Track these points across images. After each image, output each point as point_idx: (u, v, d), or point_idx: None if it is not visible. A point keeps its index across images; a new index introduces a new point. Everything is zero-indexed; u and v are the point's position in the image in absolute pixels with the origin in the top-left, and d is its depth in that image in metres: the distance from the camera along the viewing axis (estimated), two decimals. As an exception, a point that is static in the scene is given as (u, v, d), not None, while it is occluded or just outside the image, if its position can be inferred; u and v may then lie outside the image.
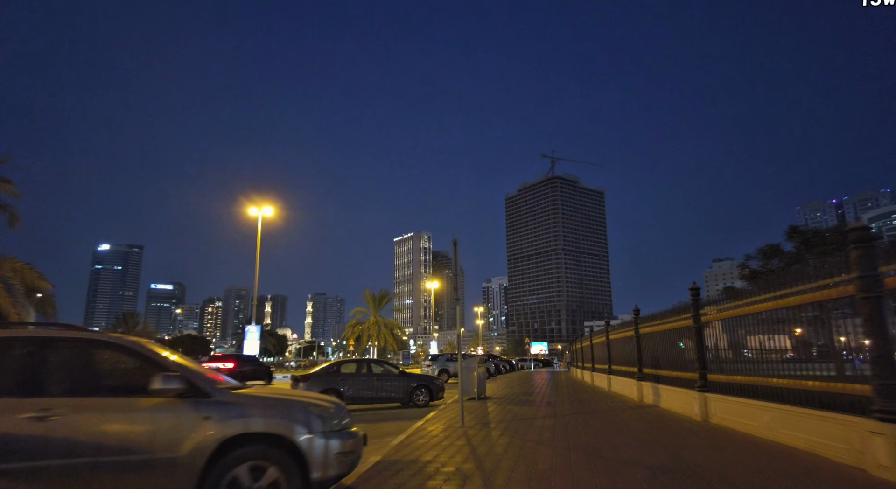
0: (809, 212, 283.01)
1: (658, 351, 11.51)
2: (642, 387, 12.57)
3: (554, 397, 15.01)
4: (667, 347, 10.92)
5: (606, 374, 17.09)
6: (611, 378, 16.73)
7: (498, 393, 17.01)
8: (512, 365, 47.73)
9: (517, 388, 19.43)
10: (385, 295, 62.82)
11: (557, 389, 18.67)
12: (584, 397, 14.90)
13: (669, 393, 10.49)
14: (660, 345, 11.40)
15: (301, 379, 13.52)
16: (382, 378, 14.06)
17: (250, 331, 42.14)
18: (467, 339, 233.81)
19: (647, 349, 12.58)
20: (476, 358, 14.53)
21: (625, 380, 14.55)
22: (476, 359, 14.40)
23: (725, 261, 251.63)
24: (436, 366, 29.03)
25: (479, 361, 14.52)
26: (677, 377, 10.01)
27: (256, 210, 42.98)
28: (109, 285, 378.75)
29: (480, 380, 14.65)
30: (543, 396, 15.40)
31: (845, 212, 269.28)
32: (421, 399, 14.20)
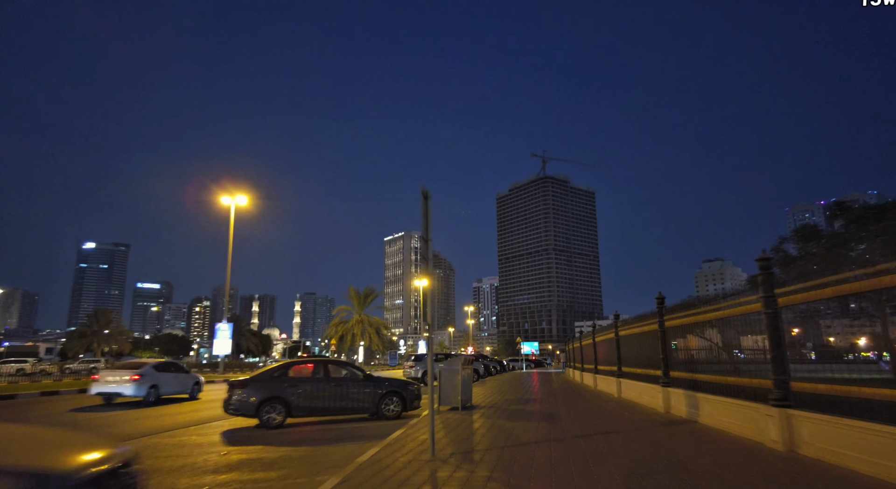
0: (798, 213, 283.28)
1: (697, 349, 8.86)
2: (669, 395, 9.91)
3: (554, 406, 12.33)
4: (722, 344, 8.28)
5: (616, 378, 14.45)
6: (620, 382, 14.10)
7: (487, 399, 14.32)
8: (503, 365, 45.09)
9: (509, 393, 16.73)
10: (370, 292, 59.91)
11: (556, 395, 16.01)
12: (590, 407, 12.23)
13: (718, 405, 7.82)
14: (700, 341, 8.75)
15: (238, 385, 10.70)
16: (343, 383, 11.26)
17: (221, 329, 39.18)
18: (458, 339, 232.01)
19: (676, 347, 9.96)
20: (460, 358, 11.72)
21: (641, 386, 11.91)
22: (460, 360, 11.59)
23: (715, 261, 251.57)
24: (419, 367, 26.28)
25: (463, 362, 11.71)
26: (733, 385, 7.35)
27: (229, 199, 40.16)
28: (95, 284, 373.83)
29: (465, 386, 11.94)
30: (541, 405, 12.72)
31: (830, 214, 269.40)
32: (392, 409, 11.41)
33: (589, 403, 13.01)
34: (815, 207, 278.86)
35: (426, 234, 6.31)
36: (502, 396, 15.54)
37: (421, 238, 6.26)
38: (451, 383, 11.34)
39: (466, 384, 12.14)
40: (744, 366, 7.35)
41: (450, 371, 11.41)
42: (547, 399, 14.49)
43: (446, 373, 11.47)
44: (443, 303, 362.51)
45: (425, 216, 6.36)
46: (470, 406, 12.41)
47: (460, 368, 11.35)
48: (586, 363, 21.60)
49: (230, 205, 39.60)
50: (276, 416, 10.50)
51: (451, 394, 11.33)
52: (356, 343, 57.24)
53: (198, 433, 9.89)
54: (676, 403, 9.59)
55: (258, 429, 10.35)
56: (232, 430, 10.21)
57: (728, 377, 7.52)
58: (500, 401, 13.97)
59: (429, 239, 6.38)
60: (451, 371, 11.41)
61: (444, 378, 11.46)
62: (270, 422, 10.43)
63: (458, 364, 11.43)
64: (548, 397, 15.11)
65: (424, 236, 6.30)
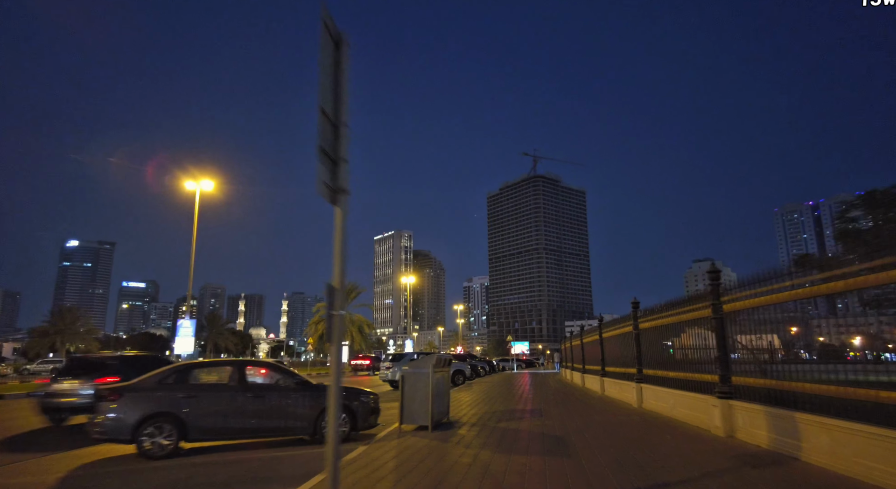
0: (787, 213, 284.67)
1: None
2: (733, 411, 6.77)
3: (559, 421, 9.17)
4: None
5: (633, 383, 11.30)
6: (641, 388, 10.97)
7: (470, 411, 11.13)
8: (492, 365, 41.97)
9: (499, 402, 13.55)
10: (353, 288, 56.44)
11: (557, 403, 12.84)
12: (607, 422, 9.09)
13: (831, 433, 4.71)
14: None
15: (112, 393, 7.44)
16: (268, 393, 8.03)
17: (183, 326, 35.42)
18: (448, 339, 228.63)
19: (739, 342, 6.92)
20: (432, 357, 8.42)
21: (676, 396, 8.78)
22: (431, 360, 8.30)
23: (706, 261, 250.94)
24: (396, 368, 22.95)
25: (437, 362, 8.45)
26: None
27: (194, 184, 36.68)
28: (78, 283, 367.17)
29: (440, 395, 8.77)
30: (542, 420, 9.55)
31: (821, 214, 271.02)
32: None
33: (604, 416, 9.86)
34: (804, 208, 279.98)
35: (332, 108, 3.14)
36: (490, 406, 12.35)
37: (321, 119, 3.06)
38: (419, 392, 8.12)
39: (441, 392, 8.95)
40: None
41: (417, 375, 8.17)
42: (547, 410, 11.33)
43: (412, 378, 8.25)
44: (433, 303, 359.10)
45: (332, 73, 3.18)
46: (447, 422, 9.22)
47: (431, 371, 8.09)
48: (589, 364, 18.48)
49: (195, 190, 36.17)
50: (162, 441, 7.23)
51: (419, 406, 8.10)
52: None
53: (30, 472, 6.64)
54: (743, 423, 6.49)
55: (135, 460, 7.10)
56: (91, 465, 6.97)
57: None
58: (488, 413, 10.78)
59: (340, 122, 3.20)
60: (418, 375, 8.17)
61: (410, 385, 8.24)
62: (154, 449, 7.18)
63: (429, 365, 8.18)
64: (548, 407, 11.95)
65: (329, 114, 3.13)
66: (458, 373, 24.26)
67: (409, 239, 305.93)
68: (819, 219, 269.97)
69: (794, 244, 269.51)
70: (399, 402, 8.28)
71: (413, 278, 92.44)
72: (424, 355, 8.14)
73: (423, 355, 8.32)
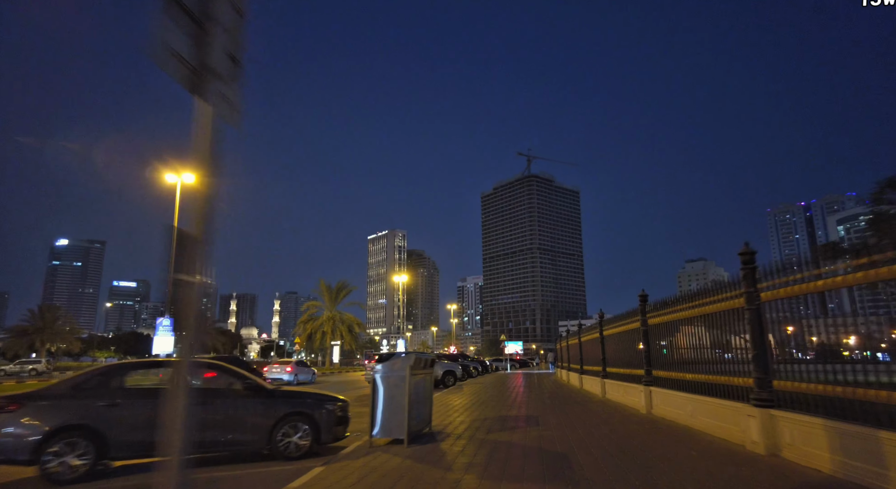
0: (779, 214, 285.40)
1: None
2: (776, 423, 5.48)
3: (559, 432, 7.87)
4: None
5: (641, 386, 10.00)
6: (650, 392, 9.68)
7: (457, 419, 9.81)
8: (485, 365, 40.67)
9: (490, 407, 12.24)
10: (343, 287, 54.90)
11: (555, 409, 11.53)
12: (614, 432, 7.78)
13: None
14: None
15: (8, 402, 6.04)
16: (211, 400, 6.69)
17: (163, 324, 34.02)
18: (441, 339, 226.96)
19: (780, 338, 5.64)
20: (409, 357, 7.02)
21: (696, 402, 7.48)
22: (409, 360, 6.91)
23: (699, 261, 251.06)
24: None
25: (415, 363, 7.06)
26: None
27: (175, 176, 35.17)
28: (68, 282, 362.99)
29: (420, 401, 7.45)
30: (539, 431, 8.24)
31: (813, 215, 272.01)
32: (294, 443, 6.84)
33: (610, 425, 8.55)
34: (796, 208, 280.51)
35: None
36: (480, 412, 11.02)
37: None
38: (394, 398, 6.77)
39: (422, 398, 7.62)
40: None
41: (391, 378, 6.83)
42: (544, 417, 10.02)
43: (387, 381, 6.91)
44: (427, 303, 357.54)
45: None
46: (428, 433, 7.88)
47: (408, 374, 6.75)
48: (588, 364, 17.20)
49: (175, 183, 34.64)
50: (72, 461, 5.86)
51: (393, 416, 6.76)
52: (326, 342, 52.22)
53: None
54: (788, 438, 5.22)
55: (37, 486, 5.74)
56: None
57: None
58: (477, 421, 9.46)
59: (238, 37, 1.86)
60: (392, 378, 6.82)
61: (384, 389, 6.91)
62: (62, 472, 5.80)
63: (406, 366, 6.84)
64: (545, 413, 10.64)
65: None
66: (448, 374, 22.95)
67: (402, 238, 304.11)
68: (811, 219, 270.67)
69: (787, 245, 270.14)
70: (371, 411, 6.93)
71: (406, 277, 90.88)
72: (402, 355, 6.68)
73: (398, 355, 6.94)
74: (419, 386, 7.50)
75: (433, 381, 8.40)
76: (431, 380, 8.36)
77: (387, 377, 6.90)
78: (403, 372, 6.83)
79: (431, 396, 8.31)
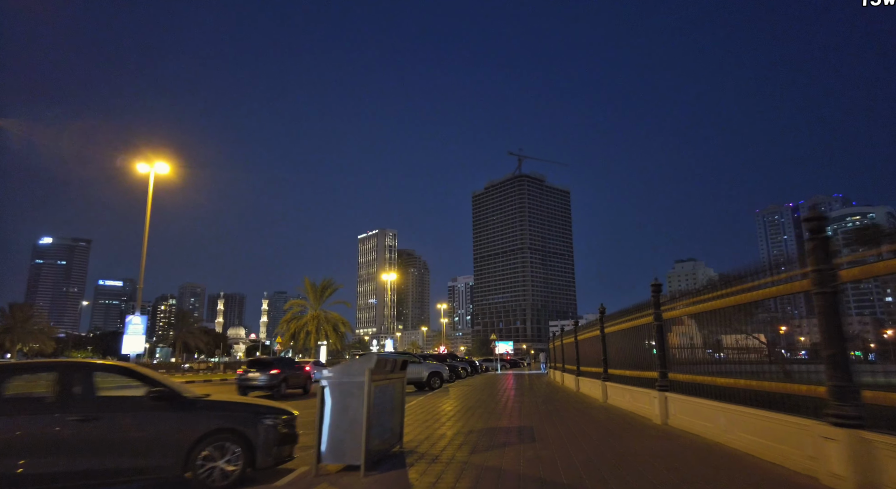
0: (768, 215, 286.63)
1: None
2: (871, 450, 3.95)
3: (561, 451, 6.31)
4: None
5: (654, 391, 8.48)
6: (666, 399, 8.15)
7: (438, 430, 8.22)
8: (474, 366, 39.09)
9: (478, 414, 10.66)
10: (329, 285, 52.98)
11: (552, 418, 9.97)
12: (630, 451, 6.24)
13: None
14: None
15: None
16: (106, 414, 4.98)
17: (133, 322, 31.91)
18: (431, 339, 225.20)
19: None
20: (369, 358, 5.36)
21: (736, 415, 5.96)
22: (368, 361, 5.24)
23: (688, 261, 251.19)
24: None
25: (377, 366, 5.37)
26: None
27: (147, 166, 33.23)
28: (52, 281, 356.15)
29: (383, 414, 5.83)
30: (536, 449, 6.67)
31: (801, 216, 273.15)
32: (219, 469, 5.18)
33: (623, 441, 7.00)
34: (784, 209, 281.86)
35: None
36: (465, 421, 9.43)
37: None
38: (347, 411, 5.15)
39: (387, 410, 6.01)
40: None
41: (345, 386, 5.22)
42: (541, 428, 8.46)
43: (339, 389, 5.29)
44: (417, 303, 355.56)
45: None
46: (397, 453, 6.29)
47: (367, 380, 5.13)
48: (586, 365, 15.68)
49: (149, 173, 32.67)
50: None
51: (347, 434, 5.13)
52: (311, 341, 50.34)
53: None
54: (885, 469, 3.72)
55: None
56: None
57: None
58: (460, 434, 7.86)
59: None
60: (346, 386, 5.21)
61: (333, 401, 5.29)
62: None
63: (364, 370, 5.21)
64: (541, 424, 9.08)
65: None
66: (434, 376, 21.38)
67: (393, 238, 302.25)
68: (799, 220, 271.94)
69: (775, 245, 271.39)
70: (316, 428, 5.29)
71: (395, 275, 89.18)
72: (371, 356, 4.89)
73: (360, 357, 5.19)
74: (385, 394, 5.90)
75: (404, 388, 6.77)
76: (403, 385, 6.74)
77: (339, 385, 5.27)
78: (361, 377, 5.21)
79: (403, 406, 6.69)
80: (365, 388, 5.15)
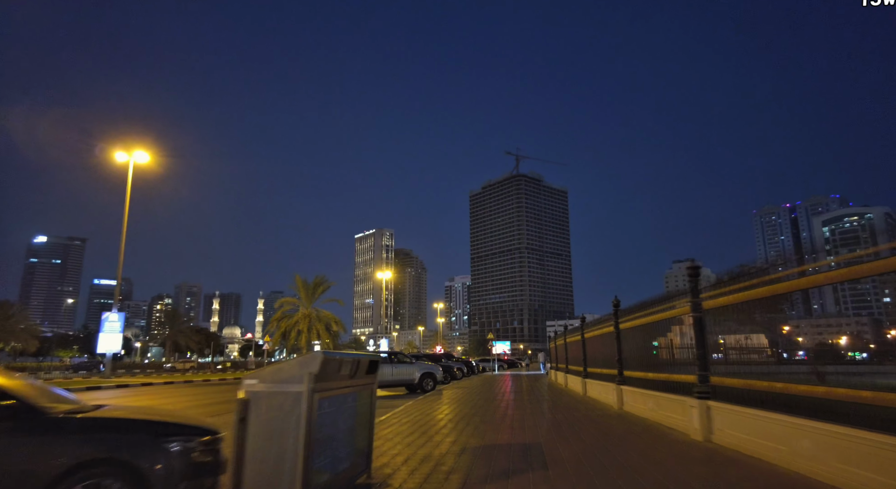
0: (765, 215, 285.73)
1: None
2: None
3: (584, 482, 4.70)
4: None
5: (692, 399, 6.81)
6: (708, 408, 6.48)
7: (421, 449, 6.54)
8: (471, 366, 37.45)
9: (473, 426, 8.99)
10: (321, 282, 51.23)
11: (562, 430, 8.29)
12: (676, 480, 4.62)
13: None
14: None
15: None
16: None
17: (109, 319, 30.34)
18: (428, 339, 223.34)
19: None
20: (309, 360, 3.74)
21: (824, 436, 4.35)
22: (307, 366, 3.56)
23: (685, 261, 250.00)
24: (350, 371, 18.33)
25: (319, 370, 3.68)
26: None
27: (125, 155, 31.54)
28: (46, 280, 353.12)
29: (336, 435, 4.16)
30: (548, 477, 5.03)
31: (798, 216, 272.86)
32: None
33: (662, 467, 5.35)
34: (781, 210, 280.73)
35: None
36: (457, 436, 7.75)
37: None
38: (277, 438, 3.52)
39: (344, 430, 4.30)
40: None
41: (274, 399, 3.57)
42: (551, 446, 6.79)
43: (264, 404, 3.63)
44: (414, 302, 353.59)
45: None
46: (364, 486, 4.64)
47: (307, 391, 3.47)
48: (595, 366, 14.02)
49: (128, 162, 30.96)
50: None
51: (277, 468, 3.51)
52: (301, 341, 48.59)
53: None
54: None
55: None
56: None
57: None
58: (450, 455, 6.18)
59: None
60: (275, 400, 3.55)
61: (259, 421, 3.62)
62: None
63: (304, 376, 3.53)
64: (551, 439, 7.41)
65: None
66: (426, 377, 19.70)
67: (390, 237, 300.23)
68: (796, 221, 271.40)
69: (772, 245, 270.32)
70: (233, 460, 3.61)
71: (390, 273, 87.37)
72: (315, 356, 3.00)
73: (300, 357, 3.34)
74: (342, 407, 4.24)
75: (374, 397, 5.06)
76: (373, 394, 5.06)
77: (266, 398, 3.60)
78: (297, 386, 3.54)
79: (372, 421, 5.01)
80: (303, 402, 3.48)
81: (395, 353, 20.46)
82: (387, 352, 20.51)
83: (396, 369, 19.06)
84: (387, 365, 18.82)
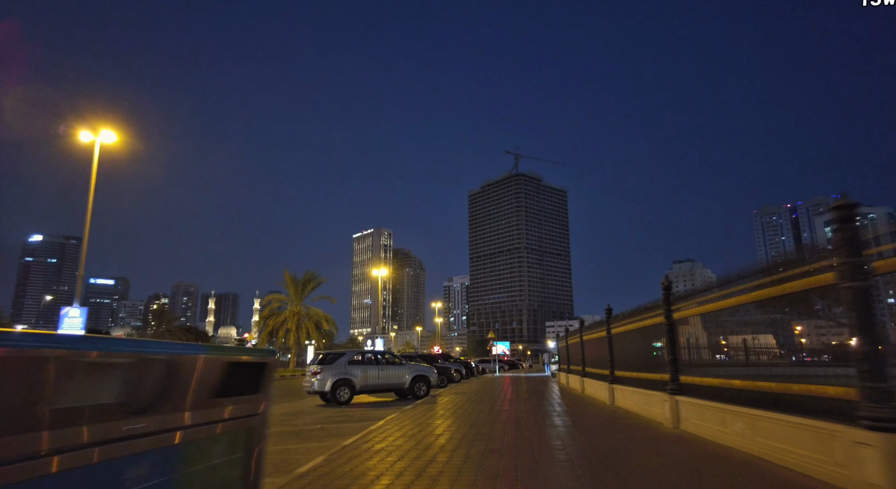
0: (766, 216, 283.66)
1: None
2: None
3: None
4: None
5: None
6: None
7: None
8: (470, 367, 34.80)
9: (472, 461, 6.25)
10: (311, 278, 48.44)
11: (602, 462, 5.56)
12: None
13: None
14: None
15: None
16: None
17: (69, 315, 27.49)
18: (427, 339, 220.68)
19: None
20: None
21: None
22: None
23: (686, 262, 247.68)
24: (328, 373, 15.47)
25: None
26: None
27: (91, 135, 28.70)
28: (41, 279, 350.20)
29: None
30: None
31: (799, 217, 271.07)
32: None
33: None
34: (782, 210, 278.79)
35: None
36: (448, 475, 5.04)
37: None
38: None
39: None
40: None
41: None
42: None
43: None
44: (412, 302, 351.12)
45: None
46: None
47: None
48: (622, 369, 11.23)
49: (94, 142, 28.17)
50: None
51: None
52: (290, 339, 45.85)
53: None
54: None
55: None
56: None
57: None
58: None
59: None
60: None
61: None
62: None
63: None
64: (597, 482, 4.68)
65: None
66: (418, 381, 16.80)
67: (388, 237, 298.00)
68: (797, 221, 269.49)
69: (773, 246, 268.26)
70: None
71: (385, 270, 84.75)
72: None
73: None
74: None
75: (256, 456, 2.31)
76: (249, 445, 2.30)
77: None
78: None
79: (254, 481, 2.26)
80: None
81: (382, 352, 17.50)
82: (371, 351, 17.58)
83: (384, 371, 16.18)
84: (373, 366, 16.04)
